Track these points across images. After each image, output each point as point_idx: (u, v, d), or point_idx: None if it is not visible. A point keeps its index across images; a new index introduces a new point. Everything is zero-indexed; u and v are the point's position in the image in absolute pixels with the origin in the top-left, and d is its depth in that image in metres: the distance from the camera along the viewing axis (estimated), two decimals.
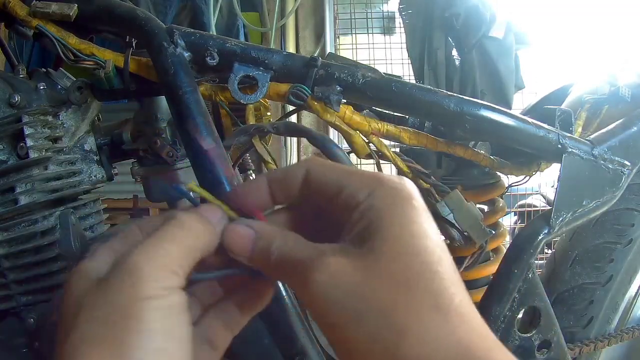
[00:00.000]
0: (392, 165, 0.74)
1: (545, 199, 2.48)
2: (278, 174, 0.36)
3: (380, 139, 0.72)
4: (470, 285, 0.85)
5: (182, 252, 0.31)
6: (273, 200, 0.36)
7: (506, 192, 0.91)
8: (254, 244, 0.34)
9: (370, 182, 0.31)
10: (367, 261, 0.28)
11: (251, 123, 0.80)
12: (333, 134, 1.94)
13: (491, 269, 0.81)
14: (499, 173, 0.87)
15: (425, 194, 0.75)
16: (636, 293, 0.90)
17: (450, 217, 0.71)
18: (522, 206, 2.46)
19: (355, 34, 2.56)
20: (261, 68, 0.67)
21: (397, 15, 2.32)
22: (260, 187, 0.36)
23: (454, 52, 0.92)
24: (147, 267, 0.29)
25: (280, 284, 0.55)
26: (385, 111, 0.79)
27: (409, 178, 0.73)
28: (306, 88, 0.67)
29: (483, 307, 0.72)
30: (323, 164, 0.34)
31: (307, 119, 2.49)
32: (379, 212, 0.30)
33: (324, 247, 0.31)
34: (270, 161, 0.70)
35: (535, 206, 2.45)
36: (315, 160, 0.35)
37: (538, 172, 0.82)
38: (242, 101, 0.67)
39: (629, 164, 0.73)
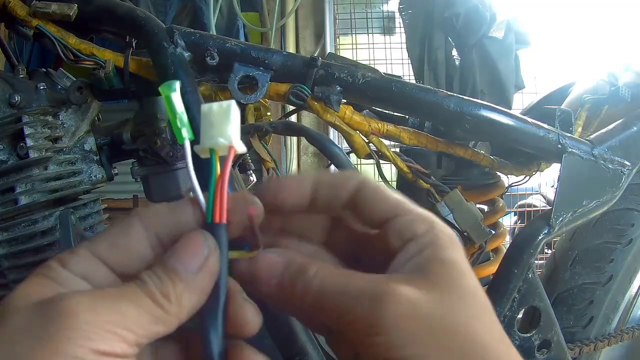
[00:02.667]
0: (392, 165, 0.74)
1: (545, 199, 2.48)
2: (328, 177, 0.32)
3: (380, 139, 0.72)
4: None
5: (142, 320, 0.25)
6: (312, 205, 0.32)
7: (506, 192, 0.91)
8: (283, 272, 0.29)
9: (428, 217, 0.31)
10: (441, 293, 0.27)
11: (250, 123, 0.80)
12: (333, 134, 1.94)
13: (491, 269, 0.81)
14: (499, 173, 0.87)
15: (425, 194, 0.75)
16: (636, 293, 0.90)
17: (450, 217, 0.71)
18: (522, 206, 2.46)
19: (355, 34, 2.56)
20: (261, 68, 0.67)
21: (397, 15, 2.33)
22: (304, 185, 0.32)
23: (454, 52, 0.92)
24: (86, 319, 0.23)
25: None
26: (385, 111, 0.79)
27: (409, 178, 0.73)
28: (306, 88, 0.67)
29: None
30: (377, 185, 0.32)
31: (307, 119, 2.49)
32: (444, 249, 0.29)
33: (388, 277, 0.28)
34: (269, 160, 0.70)
35: (535, 206, 2.45)
36: (368, 178, 0.32)
37: (538, 172, 0.82)
38: (242, 101, 0.67)
39: (629, 164, 0.73)
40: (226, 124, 0.29)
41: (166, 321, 0.26)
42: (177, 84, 0.29)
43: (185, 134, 0.29)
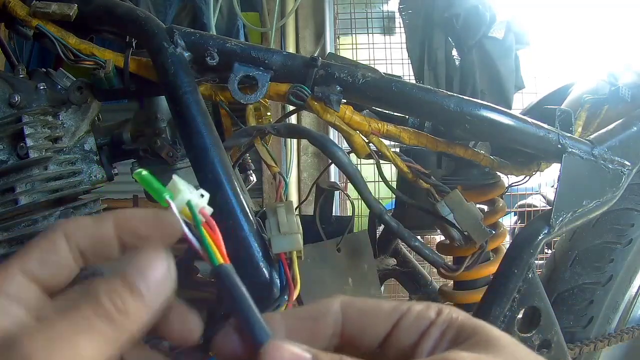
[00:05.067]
0: (392, 165, 0.74)
1: (545, 199, 2.48)
2: (296, 314, 0.30)
3: (380, 139, 0.72)
4: (470, 285, 0.85)
5: (101, 347, 0.24)
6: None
7: (506, 192, 0.91)
8: None
9: (432, 304, 0.30)
10: (496, 351, 0.26)
11: (251, 123, 0.80)
12: (333, 134, 1.94)
13: (491, 269, 0.81)
14: (499, 173, 0.87)
15: (425, 194, 0.75)
16: (636, 293, 0.90)
17: (450, 217, 0.71)
18: (522, 206, 2.46)
19: (355, 34, 2.56)
20: (261, 68, 0.67)
21: (397, 15, 2.32)
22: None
23: (454, 52, 0.92)
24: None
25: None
26: (385, 111, 0.79)
27: (409, 178, 0.73)
28: (306, 88, 0.67)
29: (483, 307, 0.72)
30: (361, 299, 0.30)
31: (307, 119, 2.49)
32: (467, 317, 0.29)
33: (440, 355, 0.26)
34: (273, 164, 0.70)
35: (535, 206, 2.45)
36: (348, 298, 0.29)
37: (538, 172, 0.82)
38: (242, 101, 0.67)
39: (629, 164, 0.73)
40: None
41: (123, 338, 0.25)
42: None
43: (167, 197, 0.29)
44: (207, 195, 0.30)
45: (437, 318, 0.28)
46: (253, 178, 1.04)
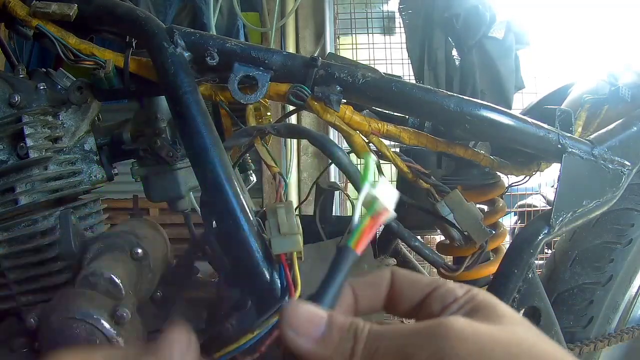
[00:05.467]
0: (392, 165, 0.74)
1: (545, 199, 2.48)
2: (362, 281, 0.34)
3: (380, 139, 0.72)
4: (470, 285, 0.85)
5: None
6: (356, 307, 0.34)
7: (506, 192, 0.91)
8: (328, 323, 0.29)
9: (466, 285, 0.33)
10: (498, 322, 0.28)
11: (251, 123, 0.80)
12: (333, 134, 1.94)
13: (491, 269, 0.81)
14: (499, 173, 0.87)
15: (425, 194, 0.75)
16: (636, 293, 0.90)
17: (450, 217, 0.71)
18: (522, 206, 2.46)
19: (355, 34, 2.56)
20: (261, 68, 0.67)
21: (397, 15, 2.32)
22: (348, 292, 0.34)
23: (454, 52, 0.92)
24: None
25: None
26: (385, 111, 0.79)
27: (409, 178, 0.73)
28: (306, 88, 0.67)
29: None
30: (407, 271, 0.34)
31: (307, 119, 2.49)
32: (486, 297, 0.31)
33: (439, 319, 0.29)
34: (273, 165, 0.70)
35: (535, 206, 2.45)
36: (396, 268, 0.35)
37: (538, 172, 0.82)
38: (242, 101, 0.67)
39: (629, 164, 0.73)
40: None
41: None
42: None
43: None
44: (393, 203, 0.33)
45: (463, 295, 0.31)
46: (253, 178, 1.04)
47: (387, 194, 0.33)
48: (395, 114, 0.79)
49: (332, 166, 1.50)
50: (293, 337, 0.29)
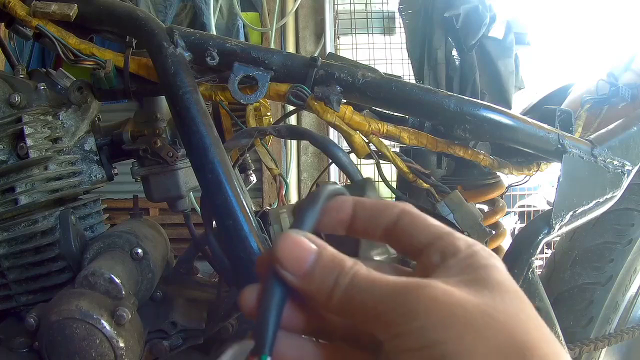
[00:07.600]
0: (392, 165, 0.74)
1: (545, 199, 2.48)
2: (369, 202, 0.33)
3: (380, 139, 0.72)
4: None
5: None
6: (351, 227, 0.33)
7: (506, 192, 0.91)
8: (314, 260, 0.29)
9: (470, 239, 0.32)
10: (478, 288, 0.28)
11: (251, 123, 0.80)
12: (333, 134, 1.95)
13: None
14: (499, 173, 0.87)
15: (425, 194, 0.75)
16: (636, 293, 0.90)
17: (450, 217, 0.71)
18: (522, 206, 2.46)
19: (355, 34, 2.56)
20: (261, 68, 0.67)
21: (397, 15, 2.33)
22: (346, 205, 0.33)
23: (454, 52, 0.92)
24: None
25: None
26: (385, 111, 0.79)
27: (409, 178, 0.73)
28: (306, 88, 0.67)
29: None
30: (418, 213, 0.33)
31: (307, 119, 2.49)
32: (484, 257, 0.30)
33: (424, 278, 0.28)
34: (273, 167, 0.70)
35: (535, 206, 2.45)
36: (410, 206, 0.33)
37: (538, 172, 0.82)
38: (242, 101, 0.67)
39: (629, 164, 0.73)
40: None
41: None
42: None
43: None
44: None
45: (464, 250, 0.30)
46: (253, 178, 1.04)
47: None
48: (395, 114, 0.79)
49: (332, 166, 1.50)
50: (283, 274, 0.29)
